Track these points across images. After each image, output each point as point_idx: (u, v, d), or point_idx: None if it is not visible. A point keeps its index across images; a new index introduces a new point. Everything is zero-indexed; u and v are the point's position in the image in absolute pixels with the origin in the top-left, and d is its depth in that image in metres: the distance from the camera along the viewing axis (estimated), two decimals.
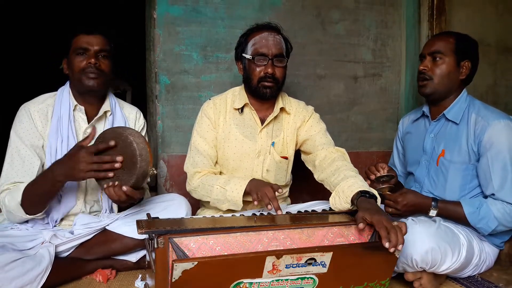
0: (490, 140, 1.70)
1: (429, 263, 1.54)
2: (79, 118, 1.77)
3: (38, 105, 1.73)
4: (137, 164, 1.47)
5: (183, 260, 1.16)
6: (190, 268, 1.17)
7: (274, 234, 1.35)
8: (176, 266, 1.15)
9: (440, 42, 1.81)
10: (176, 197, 1.84)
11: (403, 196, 1.74)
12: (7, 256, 1.45)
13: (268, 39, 1.79)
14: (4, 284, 1.39)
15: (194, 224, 1.37)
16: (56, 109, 1.73)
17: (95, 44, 1.70)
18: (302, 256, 1.27)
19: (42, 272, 1.50)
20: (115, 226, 1.71)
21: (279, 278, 1.28)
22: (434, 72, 1.80)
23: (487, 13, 2.67)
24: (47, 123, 1.71)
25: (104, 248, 1.71)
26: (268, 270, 1.26)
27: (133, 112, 1.93)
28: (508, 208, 1.67)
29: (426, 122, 1.94)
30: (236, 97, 1.93)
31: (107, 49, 1.73)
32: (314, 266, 1.30)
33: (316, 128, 1.93)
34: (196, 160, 1.87)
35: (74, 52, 1.71)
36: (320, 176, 1.81)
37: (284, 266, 1.26)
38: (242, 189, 1.71)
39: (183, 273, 1.16)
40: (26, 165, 1.64)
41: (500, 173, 1.69)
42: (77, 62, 1.70)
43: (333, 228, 1.41)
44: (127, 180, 1.49)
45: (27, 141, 1.67)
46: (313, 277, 1.31)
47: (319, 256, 1.28)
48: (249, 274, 1.25)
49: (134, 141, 1.48)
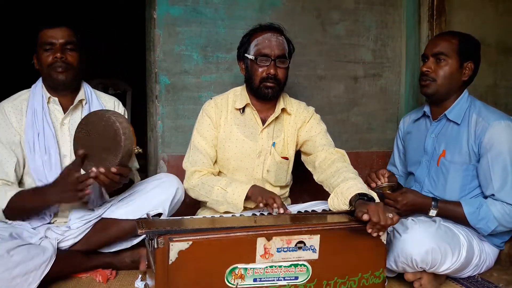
0: (491, 141, 1.70)
1: (429, 263, 1.55)
2: (55, 110, 1.78)
3: (12, 102, 1.75)
4: (121, 143, 1.48)
5: (178, 240, 1.20)
6: (185, 248, 1.22)
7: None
8: (172, 246, 1.19)
9: (443, 43, 1.80)
10: (167, 175, 1.84)
11: (403, 195, 1.74)
12: (13, 241, 1.48)
13: (271, 40, 1.80)
14: (9, 268, 1.40)
15: (194, 224, 1.37)
16: (30, 104, 1.74)
17: (60, 37, 1.71)
18: (291, 238, 1.33)
19: (47, 260, 1.51)
20: (109, 212, 1.72)
21: (272, 264, 1.33)
22: (437, 74, 1.79)
23: (487, 14, 2.66)
24: (22, 118, 1.73)
25: (102, 236, 1.71)
26: (261, 254, 1.31)
27: (111, 101, 1.94)
28: (508, 208, 1.67)
29: (427, 122, 1.94)
30: (238, 97, 1.93)
31: (73, 41, 1.73)
32: (305, 251, 1.35)
33: (316, 129, 1.93)
34: (195, 159, 1.87)
35: (41, 47, 1.72)
36: (319, 178, 1.81)
37: (275, 250, 1.32)
38: (244, 192, 1.70)
39: (179, 254, 1.21)
40: (3, 163, 1.66)
41: (500, 174, 1.68)
42: (44, 57, 1.71)
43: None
44: (112, 160, 1.50)
45: (2, 138, 1.68)
46: (305, 264, 1.36)
47: (308, 239, 1.34)
48: (243, 258, 1.30)
49: (117, 120, 1.50)
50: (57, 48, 1.70)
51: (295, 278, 1.36)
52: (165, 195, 1.72)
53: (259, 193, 1.68)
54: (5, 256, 1.41)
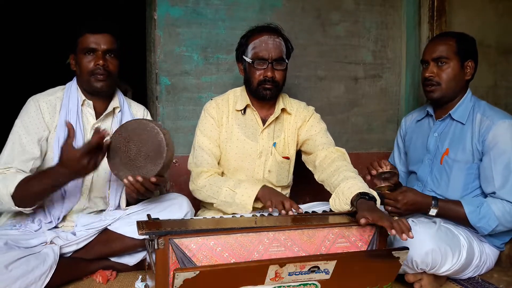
0: (495, 139, 1.70)
1: (429, 264, 1.54)
2: (87, 113, 1.77)
3: (47, 97, 1.73)
4: (164, 154, 1.52)
5: (184, 270, 1.15)
6: (192, 277, 1.16)
7: (275, 235, 1.35)
8: (178, 275, 1.13)
9: (441, 47, 1.80)
10: (178, 196, 1.83)
11: (403, 194, 1.73)
12: (11, 254, 1.44)
13: (268, 42, 1.79)
14: (8, 284, 1.38)
15: (194, 225, 1.37)
16: (65, 103, 1.73)
17: (103, 43, 1.68)
18: (306, 264, 1.26)
19: (47, 271, 1.49)
20: (116, 226, 1.71)
21: (281, 285, 1.28)
22: (441, 78, 1.80)
23: (487, 15, 2.67)
24: (54, 115, 1.71)
25: (105, 248, 1.71)
26: (271, 278, 1.25)
27: (140, 110, 1.94)
28: (508, 207, 1.66)
29: (430, 122, 1.95)
30: (238, 98, 1.93)
31: (114, 48, 1.72)
32: (317, 274, 1.29)
33: (316, 128, 1.93)
34: (200, 159, 1.86)
35: (82, 51, 1.69)
36: (320, 177, 1.81)
37: (287, 274, 1.26)
38: (254, 194, 1.70)
39: (184, 282, 1.15)
40: (25, 154, 1.64)
41: (502, 172, 1.68)
42: (85, 62, 1.69)
43: (334, 229, 1.41)
44: (151, 170, 1.53)
45: (32, 130, 1.66)
46: (315, 283, 1.31)
47: (323, 264, 1.27)
48: (251, 281, 1.25)
49: (161, 131, 1.53)
50: (99, 55, 1.68)
51: None
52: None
53: (269, 196, 1.67)
54: (4, 272, 1.38)
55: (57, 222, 1.72)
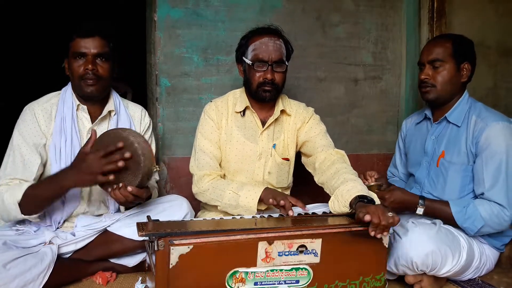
0: (487, 140, 1.70)
1: (429, 266, 1.54)
2: (83, 117, 1.76)
3: (42, 105, 1.73)
4: (141, 164, 1.48)
5: (179, 244, 1.19)
6: (186, 252, 1.21)
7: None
8: (173, 250, 1.18)
9: (437, 49, 1.81)
10: (177, 198, 1.84)
11: (391, 193, 1.75)
12: (9, 253, 1.45)
13: (268, 44, 1.79)
14: (6, 282, 1.39)
15: (194, 226, 1.37)
16: (60, 109, 1.72)
17: (93, 47, 1.67)
18: (293, 242, 1.33)
19: (45, 270, 1.50)
20: (116, 228, 1.71)
21: (273, 268, 1.33)
22: (436, 80, 1.80)
23: (487, 16, 2.67)
24: (51, 122, 1.71)
25: (104, 249, 1.71)
26: (262, 258, 1.31)
27: (138, 111, 1.93)
28: (495, 209, 1.66)
29: (428, 124, 1.95)
30: (237, 99, 1.93)
31: (105, 52, 1.70)
32: (306, 255, 1.35)
33: (316, 129, 1.93)
34: (202, 162, 1.86)
35: (72, 56, 1.68)
36: (320, 179, 1.81)
37: (276, 254, 1.32)
38: (257, 196, 1.70)
39: (180, 258, 1.20)
40: (27, 163, 1.64)
41: (493, 173, 1.69)
42: (75, 67, 1.68)
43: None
44: (132, 181, 1.49)
45: (29, 139, 1.66)
46: (306, 267, 1.36)
47: (309, 243, 1.34)
48: (244, 261, 1.30)
49: (135, 141, 1.49)
50: (89, 60, 1.66)
51: (296, 282, 1.36)
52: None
53: (272, 195, 1.68)
54: (2, 270, 1.39)
55: (57, 226, 1.72)
